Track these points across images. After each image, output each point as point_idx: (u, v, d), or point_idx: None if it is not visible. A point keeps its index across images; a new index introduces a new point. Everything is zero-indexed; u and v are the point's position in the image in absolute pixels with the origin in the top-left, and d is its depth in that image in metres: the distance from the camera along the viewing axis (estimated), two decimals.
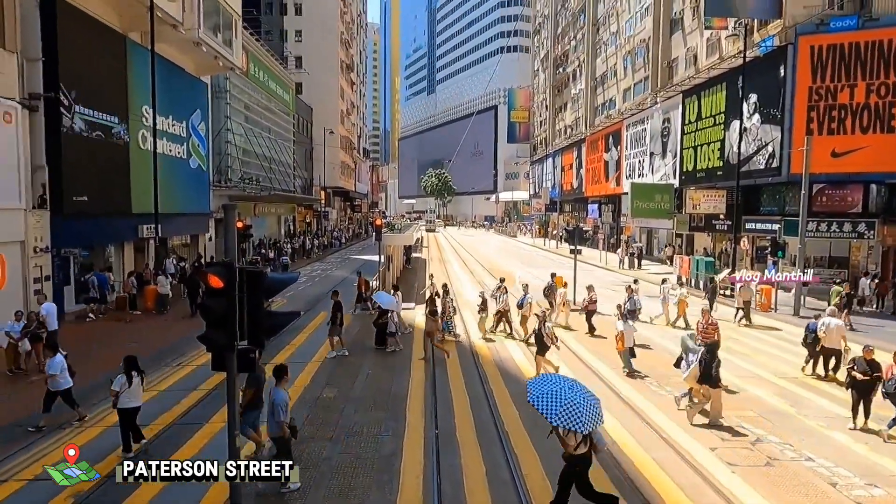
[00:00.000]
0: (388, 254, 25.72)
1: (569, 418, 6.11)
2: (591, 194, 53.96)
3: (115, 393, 8.56)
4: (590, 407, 6.31)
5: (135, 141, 22.69)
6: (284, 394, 7.79)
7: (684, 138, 34.80)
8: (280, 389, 7.78)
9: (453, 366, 13.72)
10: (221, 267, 5.92)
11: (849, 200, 24.70)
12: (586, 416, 6.18)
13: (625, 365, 13.20)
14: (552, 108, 72.28)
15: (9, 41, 16.98)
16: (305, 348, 15.53)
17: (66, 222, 18.65)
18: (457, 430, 9.77)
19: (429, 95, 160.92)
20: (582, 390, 6.62)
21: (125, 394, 8.60)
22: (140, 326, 18.23)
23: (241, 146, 36.95)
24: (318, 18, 62.42)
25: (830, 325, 12.52)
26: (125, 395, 8.60)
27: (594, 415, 6.31)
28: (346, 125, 71.87)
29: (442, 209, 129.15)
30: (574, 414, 6.14)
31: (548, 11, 73.00)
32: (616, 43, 48.66)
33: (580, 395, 6.42)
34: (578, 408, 6.20)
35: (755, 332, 18.14)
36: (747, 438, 9.49)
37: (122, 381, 8.61)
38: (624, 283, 20.79)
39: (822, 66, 24.69)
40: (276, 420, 7.55)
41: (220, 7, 27.72)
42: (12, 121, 16.79)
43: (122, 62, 21.92)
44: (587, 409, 6.25)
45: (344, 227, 70.30)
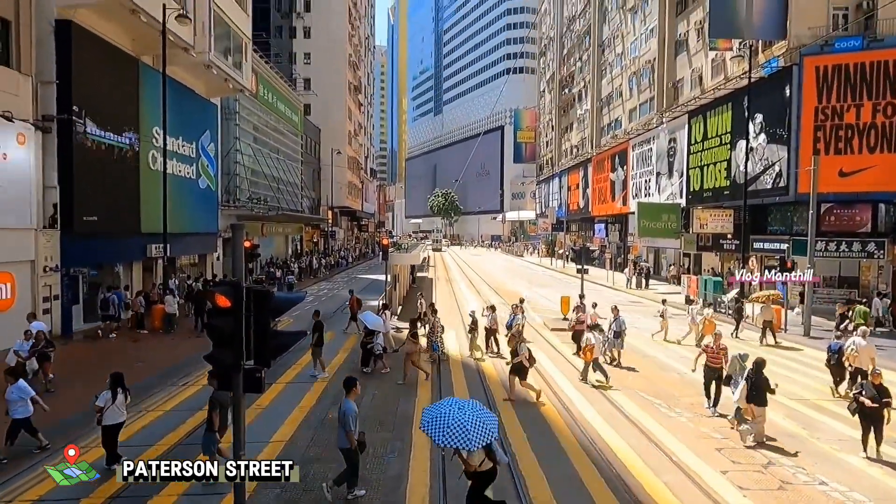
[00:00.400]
0: (394, 273, 25.72)
1: (456, 438, 6.33)
2: (598, 214, 53.96)
3: (99, 409, 8.68)
4: (480, 424, 6.51)
5: (145, 161, 22.98)
6: (354, 405, 7.93)
7: (690, 158, 34.86)
8: (350, 401, 7.93)
9: (460, 386, 13.63)
10: (229, 286, 5.94)
11: (857, 220, 24.58)
12: (474, 433, 6.37)
13: (582, 373, 14.14)
14: (558, 129, 72.72)
15: (24, 65, 17.36)
16: (311, 368, 15.46)
17: (75, 242, 18.85)
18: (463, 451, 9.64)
19: (435, 116, 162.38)
20: (475, 409, 6.79)
21: (109, 410, 8.67)
22: (147, 346, 18.24)
23: (249, 166, 37.31)
24: (326, 41, 63.41)
25: (860, 346, 12.34)
26: (109, 412, 8.68)
27: (484, 432, 6.48)
28: (353, 145, 72.51)
29: (448, 229, 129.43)
30: (461, 433, 6.34)
31: (553, 34, 73.86)
32: (621, 64, 49.07)
33: (470, 415, 6.60)
34: (466, 426, 6.39)
35: (763, 352, 17.90)
36: (759, 461, 9.33)
37: (107, 398, 8.70)
38: (631, 303, 20.70)
39: (827, 86, 24.77)
40: (346, 430, 7.69)
41: (231, 31, 28.24)
42: (25, 142, 17.07)
43: (135, 84, 22.30)
44: (476, 428, 6.45)
45: (351, 247, 70.50)
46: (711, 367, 11.84)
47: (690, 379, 14.43)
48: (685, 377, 14.73)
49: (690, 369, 13.56)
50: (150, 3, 20.00)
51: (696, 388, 13.32)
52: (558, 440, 10.22)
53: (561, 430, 10.66)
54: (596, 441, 10.15)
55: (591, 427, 10.87)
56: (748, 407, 10.01)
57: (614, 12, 50.76)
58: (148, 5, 19.90)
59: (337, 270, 49.08)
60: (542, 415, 11.67)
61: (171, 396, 12.77)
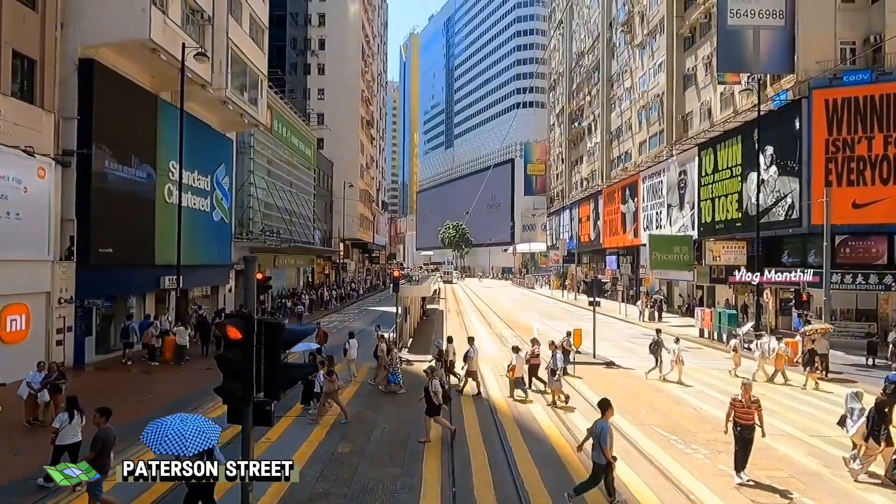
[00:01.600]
0: (405, 305, 25.67)
1: (172, 445, 6.55)
2: (609, 246, 53.82)
3: (55, 430, 9.20)
4: (199, 433, 6.75)
5: (161, 194, 23.37)
6: (608, 425, 8.57)
7: (702, 190, 34.85)
8: (605, 422, 8.58)
9: (471, 422, 13.42)
10: (239, 318, 5.96)
11: (873, 252, 24.33)
12: (191, 441, 6.62)
13: (511, 391, 15.27)
14: (568, 161, 73.21)
15: (47, 102, 17.91)
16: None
17: (90, 273, 19.08)
18: (474, 488, 9.46)
19: (446, 149, 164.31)
20: (198, 422, 7.03)
21: (65, 430, 9.16)
22: (158, 377, 18.23)
23: (263, 199, 37.79)
24: (340, 78, 64.86)
25: None
26: (64, 431, 9.16)
27: (203, 439, 6.72)
28: (365, 179, 73.35)
29: (459, 261, 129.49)
30: (178, 441, 6.58)
31: (563, 69, 75.05)
32: (630, 98, 49.60)
33: (191, 425, 6.85)
34: (184, 434, 6.66)
35: (782, 387, 17.53)
36: (779, 500, 9.04)
37: (64, 419, 9.24)
38: (644, 335, 20.34)
39: (837, 118, 24.85)
40: (602, 447, 8.35)
41: (248, 68, 29.00)
42: (46, 176, 17.47)
43: (153, 120, 22.86)
44: (194, 436, 6.69)
45: (362, 279, 70.62)
46: (743, 426, 9.70)
47: (706, 414, 14.15)
48: (700, 411, 14.43)
49: (722, 431, 10.63)
50: (169, 42, 20.65)
51: (713, 424, 13.04)
52: (573, 479, 9.98)
53: (576, 469, 10.42)
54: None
55: None
56: (865, 444, 9.75)
57: (622, 48, 51.57)
58: (168, 45, 20.54)
59: (348, 302, 49.10)
60: (554, 450, 11.44)
61: None
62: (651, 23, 44.15)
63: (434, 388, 11.70)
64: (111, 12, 19.29)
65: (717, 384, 17.69)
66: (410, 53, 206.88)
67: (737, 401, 9.86)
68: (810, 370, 17.54)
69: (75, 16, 19.01)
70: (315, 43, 64.63)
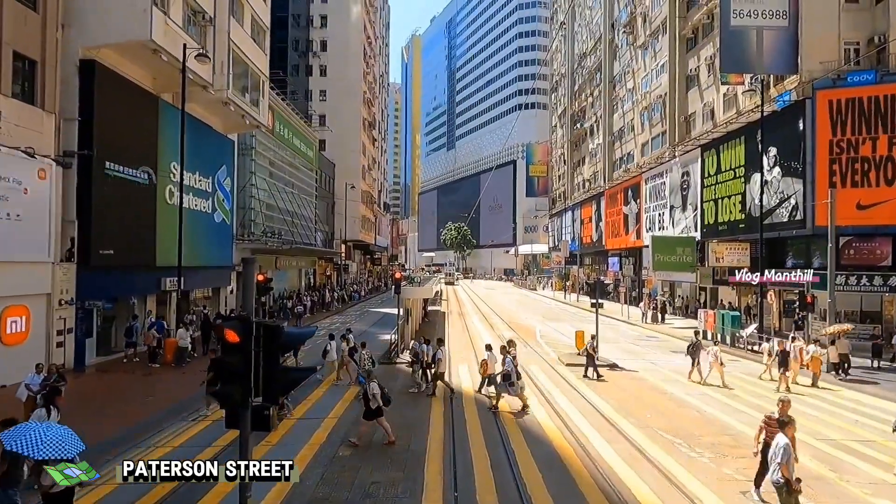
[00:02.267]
0: (406, 307, 25.56)
1: (24, 445, 6.50)
2: (612, 247, 53.68)
3: None
4: (58, 441, 6.69)
5: (162, 196, 23.32)
6: (787, 440, 8.05)
7: (704, 191, 34.71)
8: (784, 435, 8.07)
9: (474, 426, 13.31)
10: (237, 321, 5.86)
11: (878, 253, 24.17)
12: (44, 447, 6.53)
13: (480, 386, 15.52)
14: (570, 163, 73.08)
15: (48, 103, 17.87)
16: (323, 403, 15.26)
17: (91, 275, 19.02)
18: (476, 492, 9.35)
19: (448, 151, 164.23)
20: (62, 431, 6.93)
21: None
22: (159, 379, 18.15)
23: (264, 201, 37.74)
24: (341, 79, 64.84)
25: None
26: None
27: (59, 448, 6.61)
28: (367, 180, 73.31)
29: (461, 262, 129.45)
30: (32, 443, 6.54)
31: (565, 70, 74.97)
32: (633, 99, 49.48)
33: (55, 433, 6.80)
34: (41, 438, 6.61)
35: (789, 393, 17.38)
36: None
37: (42, 415, 9.58)
38: (647, 338, 20.24)
39: (841, 119, 24.70)
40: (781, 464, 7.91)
41: (249, 69, 28.95)
42: (46, 177, 17.42)
43: (154, 121, 22.81)
44: (53, 442, 6.62)
45: (363, 280, 70.55)
46: (764, 441, 9.01)
47: (710, 417, 14.02)
48: (704, 414, 14.30)
49: (752, 452, 9.48)
50: (171, 43, 20.61)
51: (717, 427, 12.92)
52: (576, 482, 9.87)
53: (579, 472, 10.30)
54: (615, 482, 9.78)
55: (609, 467, 10.50)
56: None
57: (625, 49, 51.48)
58: (169, 46, 20.49)
59: (349, 304, 49.02)
60: (558, 454, 11.32)
61: (180, 432, 12.59)
62: (653, 23, 44.05)
63: (372, 390, 11.49)
64: (112, 13, 19.25)
65: (720, 386, 17.54)
66: (412, 55, 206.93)
67: (771, 419, 8.93)
68: (783, 371, 17.27)
69: (76, 17, 18.98)
70: (317, 44, 64.63)
